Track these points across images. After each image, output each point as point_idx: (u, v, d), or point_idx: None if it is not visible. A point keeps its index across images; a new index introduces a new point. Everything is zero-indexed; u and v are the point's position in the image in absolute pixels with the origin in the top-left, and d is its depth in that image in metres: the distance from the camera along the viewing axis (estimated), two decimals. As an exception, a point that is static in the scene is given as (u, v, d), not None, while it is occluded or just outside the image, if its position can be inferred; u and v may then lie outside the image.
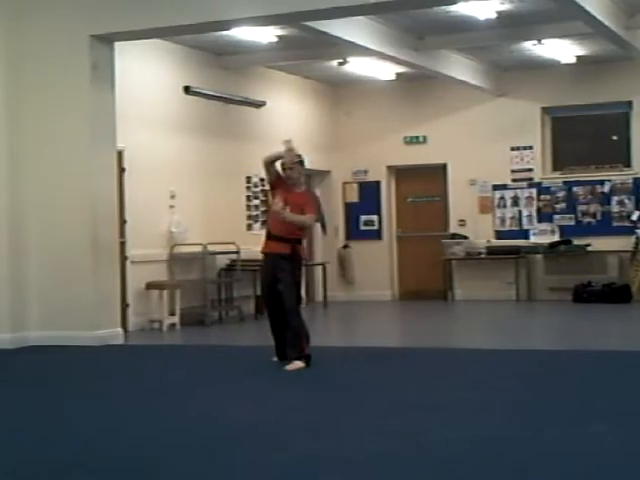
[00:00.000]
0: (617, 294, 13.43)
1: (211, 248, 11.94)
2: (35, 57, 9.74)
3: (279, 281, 7.64)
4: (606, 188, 14.27)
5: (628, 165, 14.31)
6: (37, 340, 9.64)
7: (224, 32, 11.09)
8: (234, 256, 12.36)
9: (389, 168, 15.55)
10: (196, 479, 4.40)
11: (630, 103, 14.21)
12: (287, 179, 7.77)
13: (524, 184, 14.68)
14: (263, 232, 8.50)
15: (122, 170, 10.96)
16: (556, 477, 4.26)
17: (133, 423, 5.69)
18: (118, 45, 10.00)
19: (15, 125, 9.69)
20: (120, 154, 10.71)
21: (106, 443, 5.14)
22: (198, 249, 11.85)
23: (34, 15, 9.75)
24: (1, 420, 5.87)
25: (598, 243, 14.05)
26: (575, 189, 14.42)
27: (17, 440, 5.22)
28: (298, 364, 7.53)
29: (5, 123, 9.63)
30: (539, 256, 14.45)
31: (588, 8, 9.69)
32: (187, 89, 12.28)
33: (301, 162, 7.85)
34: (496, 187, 14.80)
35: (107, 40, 9.78)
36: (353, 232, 15.60)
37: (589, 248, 14.05)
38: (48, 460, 4.77)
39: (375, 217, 15.54)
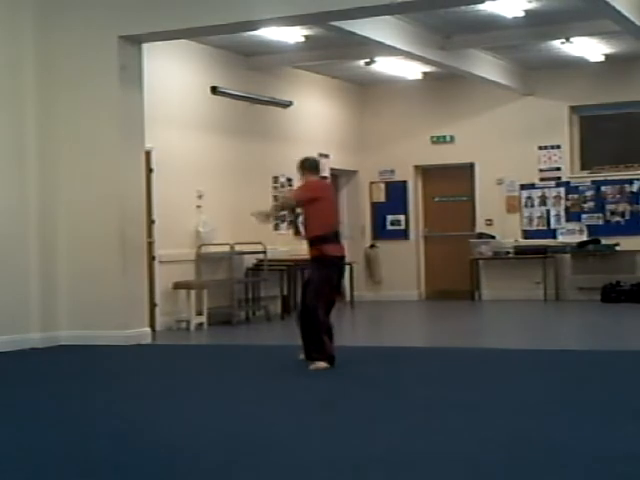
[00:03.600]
0: (646, 294, 13.35)
1: (238, 248, 11.97)
2: (64, 58, 9.81)
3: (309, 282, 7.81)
4: (635, 187, 14.18)
5: (657, 164, 14.24)
6: (67, 339, 9.71)
7: (251, 32, 11.10)
8: (261, 256, 12.39)
9: (416, 168, 15.52)
10: (224, 478, 4.42)
11: (659, 101, 14.13)
12: None
13: (552, 183, 14.61)
14: (290, 232, 8.55)
15: (150, 170, 11.01)
16: (588, 477, 4.24)
17: (162, 421, 5.71)
18: (146, 46, 10.06)
19: (44, 126, 9.76)
20: (148, 154, 10.76)
21: (135, 440, 5.16)
22: (225, 249, 11.88)
23: (63, 16, 9.82)
24: (33, 418, 5.91)
25: (627, 243, 13.96)
26: (603, 188, 14.33)
27: (49, 438, 5.26)
28: (321, 364, 7.54)
29: (34, 124, 9.69)
30: (567, 256, 14.37)
31: (617, 6, 9.63)
32: (214, 89, 12.32)
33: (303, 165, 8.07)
34: (524, 186, 14.73)
35: (135, 41, 9.83)
36: (380, 232, 15.58)
37: (618, 248, 13.96)
38: (78, 458, 4.80)
39: (402, 217, 15.51)
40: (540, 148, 14.62)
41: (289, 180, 13.38)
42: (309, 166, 7.97)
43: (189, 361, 8.83)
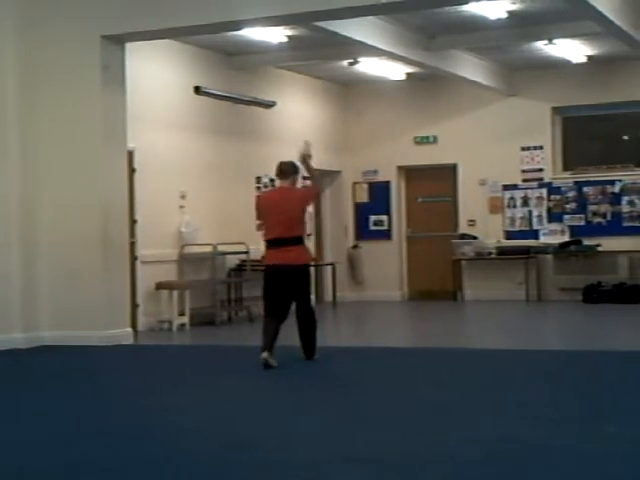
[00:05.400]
0: (627, 294, 13.40)
1: (221, 248, 11.95)
2: (46, 57, 9.77)
3: None
4: (616, 188, 14.24)
5: (639, 165, 14.28)
6: (49, 340, 9.67)
7: (234, 32, 11.09)
8: (244, 256, 12.37)
9: (399, 168, 15.54)
10: (219, 477, 4.41)
11: (641, 103, 14.19)
12: None
13: (534, 184, 14.66)
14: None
15: (133, 170, 10.98)
16: (575, 476, 4.25)
17: (147, 422, 5.69)
18: (129, 45, 10.03)
19: (26, 125, 9.71)
20: (131, 154, 10.73)
21: (120, 440, 5.15)
22: (208, 249, 11.87)
23: (46, 15, 9.77)
24: (15, 420, 5.88)
25: (608, 243, 14.02)
26: (585, 189, 14.39)
27: (32, 440, 5.23)
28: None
29: (16, 124, 9.65)
30: (549, 256, 14.43)
31: (599, 7, 9.67)
32: (197, 89, 12.30)
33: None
34: (506, 187, 14.78)
35: (118, 41, 9.80)
36: (363, 232, 15.59)
37: (599, 248, 14.03)
38: (62, 460, 4.78)
39: (385, 217, 15.53)
40: (523, 149, 14.67)
41: (272, 180, 13.33)
42: (276, 173, 8.08)
43: (171, 362, 8.81)
